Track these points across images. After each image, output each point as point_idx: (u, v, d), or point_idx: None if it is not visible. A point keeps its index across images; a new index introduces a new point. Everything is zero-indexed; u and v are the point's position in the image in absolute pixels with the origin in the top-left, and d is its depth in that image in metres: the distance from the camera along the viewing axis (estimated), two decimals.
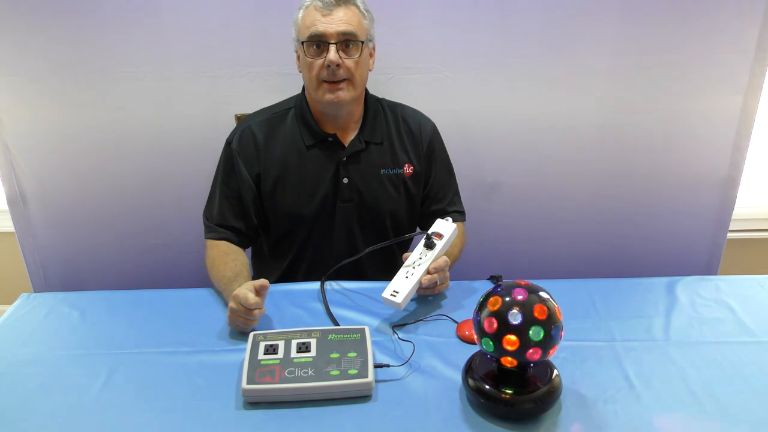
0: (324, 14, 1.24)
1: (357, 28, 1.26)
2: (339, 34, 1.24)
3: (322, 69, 1.26)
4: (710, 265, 1.84)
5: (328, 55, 1.24)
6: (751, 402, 0.97)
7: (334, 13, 1.24)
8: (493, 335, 0.88)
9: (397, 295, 1.15)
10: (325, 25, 1.23)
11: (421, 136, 1.43)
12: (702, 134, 1.69)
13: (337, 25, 1.24)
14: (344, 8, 1.25)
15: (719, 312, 1.22)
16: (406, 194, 1.43)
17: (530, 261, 1.82)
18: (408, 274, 1.18)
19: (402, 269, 1.20)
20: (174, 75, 1.57)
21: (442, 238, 1.23)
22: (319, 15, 1.24)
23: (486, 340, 0.90)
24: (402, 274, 1.19)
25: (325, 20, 1.24)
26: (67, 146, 1.63)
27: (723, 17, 1.55)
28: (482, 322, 0.90)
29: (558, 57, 1.60)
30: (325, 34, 1.24)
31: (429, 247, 1.22)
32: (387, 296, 1.15)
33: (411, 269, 1.19)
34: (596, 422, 0.92)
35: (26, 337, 1.14)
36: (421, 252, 1.22)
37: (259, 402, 0.96)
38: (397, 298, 1.14)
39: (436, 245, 1.21)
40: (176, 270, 1.76)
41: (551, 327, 0.88)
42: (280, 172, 1.36)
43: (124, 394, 0.99)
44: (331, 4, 1.24)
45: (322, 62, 1.25)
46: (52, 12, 1.49)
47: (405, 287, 1.16)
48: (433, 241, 1.22)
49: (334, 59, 1.23)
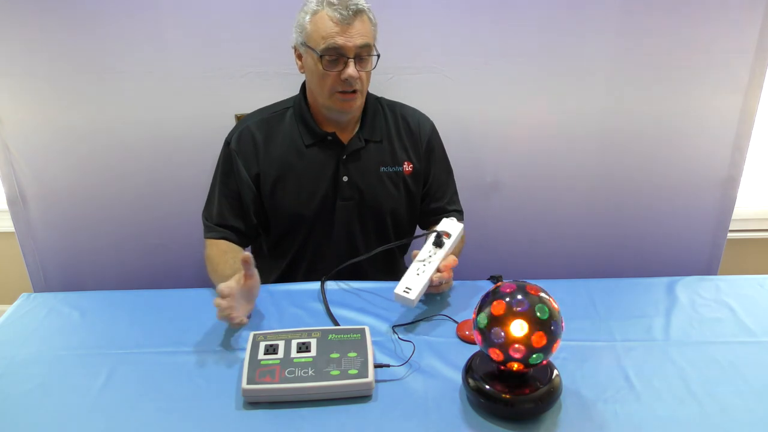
0: (342, 27, 1.22)
1: (371, 39, 1.27)
2: (357, 48, 1.23)
3: (337, 81, 1.25)
4: (710, 265, 1.84)
5: (348, 70, 1.23)
6: (751, 402, 0.97)
7: (352, 26, 1.22)
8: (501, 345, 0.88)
9: (410, 291, 1.15)
10: (344, 39, 1.22)
11: (420, 134, 1.43)
12: (702, 134, 1.69)
13: (355, 38, 1.23)
14: (359, 20, 1.23)
15: (719, 312, 1.21)
16: (405, 192, 1.43)
17: (530, 261, 1.82)
18: (419, 271, 1.18)
19: (412, 266, 1.20)
20: (174, 75, 1.57)
21: (451, 237, 1.24)
22: (337, 27, 1.22)
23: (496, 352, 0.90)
24: (413, 271, 1.19)
25: (343, 34, 1.22)
26: (67, 146, 1.63)
27: (723, 17, 1.55)
28: (491, 340, 0.89)
29: (558, 57, 1.60)
30: (344, 48, 1.22)
31: (438, 245, 1.22)
32: (400, 292, 1.15)
33: (422, 266, 1.19)
34: (596, 422, 0.92)
35: (26, 337, 1.14)
36: (430, 250, 1.22)
37: (259, 402, 0.96)
38: (410, 295, 1.14)
39: (445, 243, 1.22)
40: (176, 270, 1.76)
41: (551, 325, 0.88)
42: (280, 172, 1.36)
43: (124, 394, 0.99)
44: (349, 17, 1.22)
45: (338, 74, 1.24)
46: (52, 12, 1.49)
47: (417, 284, 1.16)
48: (442, 240, 1.22)
49: (353, 74, 1.23)
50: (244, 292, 1.14)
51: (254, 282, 1.15)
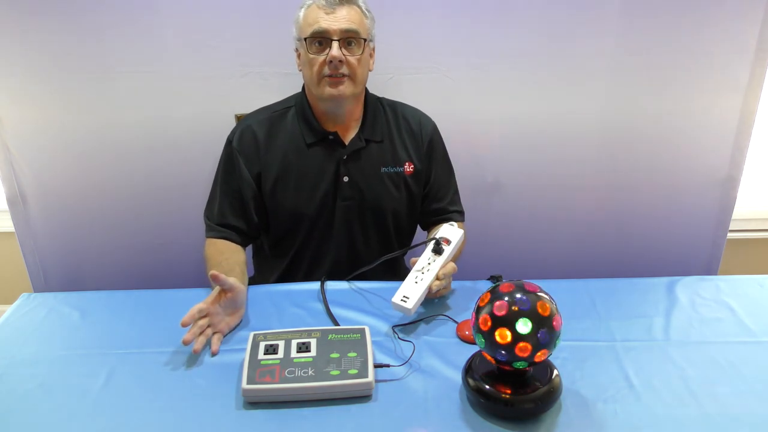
0: (327, 12, 1.25)
1: (359, 27, 1.27)
2: (342, 32, 1.25)
3: (323, 65, 1.26)
4: (710, 265, 1.84)
5: (331, 51, 1.24)
6: (751, 402, 0.97)
7: (337, 11, 1.25)
8: (507, 346, 0.88)
9: (408, 300, 1.14)
10: (329, 23, 1.24)
11: (421, 134, 1.43)
12: (702, 134, 1.69)
13: (340, 22, 1.25)
14: (347, 7, 1.26)
15: (719, 312, 1.21)
16: (406, 192, 1.43)
17: (530, 261, 1.82)
18: (417, 279, 1.17)
19: (411, 274, 1.19)
20: (174, 75, 1.58)
21: (450, 244, 1.23)
22: (322, 13, 1.25)
23: (498, 351, 0.89)
24: (411, 279, 1.18)
25: (328, 18, 1.25)
26: (68, 146, 1.63)
27: (723, 17, 1.55)
28: (493, 335, 0.89)
29: (558, 57, 1.60)
30: (328, 31, 1.24)
31: (437, 252, 1.21)
32: (397, 301, 1.14)
33: (420, 274, 1.18)
34: (596, 422, 0.92)
35: (26, 337, 1.14)
36: (429, 257, 1.21)
37: (259, 402, 0.96)
38: (407, 304, 1.14)
39: (445, 251, 1.21)
40: (176, 270, 1.76)
41: (552, 324, 0.88)
42: (281, 171, 1.36)
43: (124, 394, 0.99)
44: (334, 2, 1.25)
45: (324, 59, 1.26)
46: (52, 12, 1.49)
47: (415, 293, 1.15)
48: (441, 247, 1.21)
49: (336, 55, 1.24)
50: (226, 303, 1.14)
51: (235, 294, 1.15)
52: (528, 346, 0.87)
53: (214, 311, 1.12)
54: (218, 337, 1.11)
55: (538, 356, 0.88)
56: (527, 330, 0.86)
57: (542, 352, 0.88)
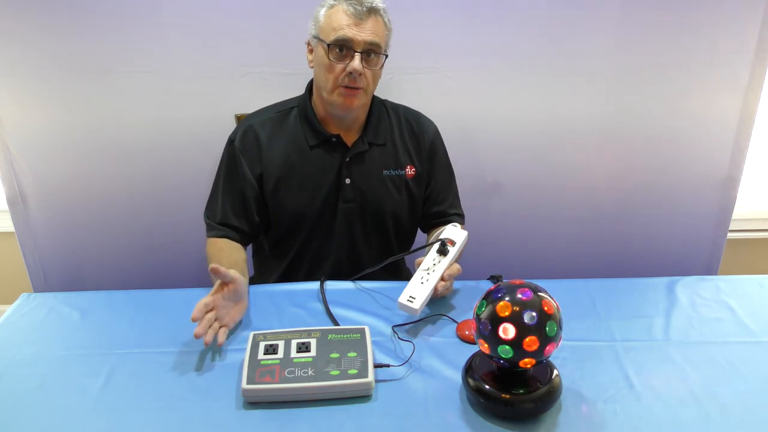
0: (355, 21, 1.24)
1: (381, 40, 1.27)
2: (366, 44, 1.24)
3: (341, 74, 1.26)
4: (710, 265, 1.84)
5: (353, 63, 1.24)
6: (751, 402, 0.97)
7: (364, 22, 1.24)
8: (513, 341, 0.87)
9: (414, 300, 1.14)
10: (354, 32, 1.23)
11: (423, 137, 1.43)
12: (702, 134, 1.69)
13: (365, 34, 1.24)
14: (373, 19, 1.25)
15: (719, 312, 1.21)
16: (408, 195, 1.43)
17: (530, 261, 1.82)
18: (423, 280, 1.17)
19: (417, 275, 1.19)
20: (174, 75, 1.58)
21: (455, 245, 1.23)
22: (350, 21, 1.24)
23: (504, 348, 0.88)
24: (417, 279, 1.18)
25: (354, 27, 1.24)
26: (68, 146, 1.63)
27: (723, 17, 1.55)
28: (497, 331, 0.88)
29: (558, 57, 1.60)
30: (353, 41, 1.24)
31: (442, 253, 1.21)
32: (404, 302, 1.14)
33: (426, 275, 1.18)
34: (596, 422, 0.92)
35: (26, 337, 1.14)
36: (434, 258, 1.21)
37: (259, 402, 0.96)
38: (414, 304, 1.13)
39: (450, 252, 1.21)
40: (176, 270, 1.76)
41: (559, 319, 0.89)
42: (283, 172, 1.36)
43: (124, 394, 0.98)
44: (363, 12, 1.24)
45: (344, 68, 1.25)
46: (52, 12, 1.49)
47: (421, 293, 1.15)
48: (446, 248, 1.22)
49: (358, 68, 1.24)
50: (229, 295, 1.15)
51: (236, 285, 1.15)
52: None
53: (219, 304, 1.12)
54: (224, 330, 1.11)
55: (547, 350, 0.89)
56: (553, 332, 0.88)
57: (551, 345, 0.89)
